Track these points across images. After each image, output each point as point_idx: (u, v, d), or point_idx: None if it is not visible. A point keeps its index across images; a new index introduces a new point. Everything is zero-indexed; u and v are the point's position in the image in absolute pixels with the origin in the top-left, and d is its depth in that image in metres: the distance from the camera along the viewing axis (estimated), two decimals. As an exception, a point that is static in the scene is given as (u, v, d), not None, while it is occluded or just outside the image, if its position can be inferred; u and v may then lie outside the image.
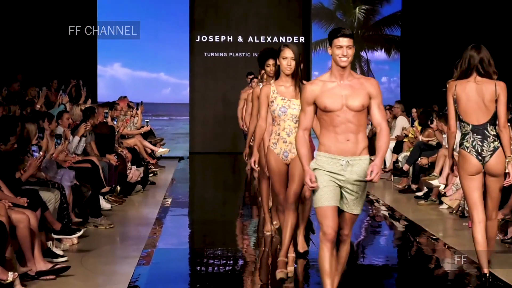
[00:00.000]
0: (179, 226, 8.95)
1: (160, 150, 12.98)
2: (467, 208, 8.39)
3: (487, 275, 5.47)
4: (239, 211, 9.77)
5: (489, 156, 5.47)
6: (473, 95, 5.47)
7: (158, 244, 7.52)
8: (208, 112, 16.48)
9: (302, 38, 16.42)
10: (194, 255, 7.30)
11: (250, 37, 16.42)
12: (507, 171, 5.46)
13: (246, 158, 7.38)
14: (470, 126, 5.50)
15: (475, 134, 5.49)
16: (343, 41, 4.76)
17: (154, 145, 13.65)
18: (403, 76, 16.14)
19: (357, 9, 16.26)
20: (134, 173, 10.80)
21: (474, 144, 5.48)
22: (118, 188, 10.01)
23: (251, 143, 7.00)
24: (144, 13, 15.47)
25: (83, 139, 9.35)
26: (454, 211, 8.94)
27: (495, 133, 5.49)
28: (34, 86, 11.92)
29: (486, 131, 5.48)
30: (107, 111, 10.69)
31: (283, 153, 5.84)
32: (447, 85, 5.58)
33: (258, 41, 16.28)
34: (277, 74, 5.98)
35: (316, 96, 4.73)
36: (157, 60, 15.90)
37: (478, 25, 15.07)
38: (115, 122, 11.17)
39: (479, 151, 5.48)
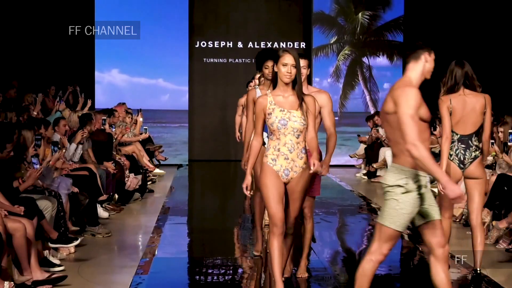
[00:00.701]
0: (178, 234, 8.95)
1: (157, 171, 12.96)
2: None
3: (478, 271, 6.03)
4: (239, 220, 9.77)
5: (469, 163, 6.06)
6: (466, 107, 6.02)
7: (157, 253, 7.52)
8: (208, 119, 16.50)
9: (303, 44, 16.45)
10: (193, 264, 7.30)
11: (250, 42, 16.45)
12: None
13: (245, 166, 7.30)
14: (458, 136, 6.06)
15: (460, 143, 6.05)
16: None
17: (153, 152, 13.68)
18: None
19: (359, 14, 16.28)
20: (132, 180, 10.82)
21: (457, 152, 6.06)
22: (116, 196, 10.02)
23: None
24: (142, 18, 15.48)
25: (80, 146, 9.36)
26: (458, 220, 8.95)
27: (477, 144, 6.07)
28: (30, 92, 11.94)
29: (470, 141, 6.05)
30: (105, 118, 10.71)
31: (283, 171, 5.32)
32: (440, 100, 6.07)
33: (258, 46, 16.30)
34: (274, 82, 5.40)
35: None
36: (156, 66, 15.91)
37: (482, 31, 15.10)
38: (113, 129, 11.19)
39: (461, 159, 6.06)
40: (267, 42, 16.42)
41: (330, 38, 16.29)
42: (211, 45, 16.45)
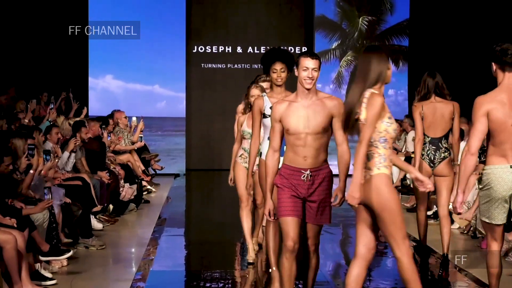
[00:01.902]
0: (175, 247, 8.94)
1: (148, 188, 12.93)
2: (479, 228, 8.41)
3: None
4: (238, 232, 9.76)
5: (438, 162, 7.14)
6: (436, 113, 7.08)
7: (153, 266, 7.52)
8: (206, 126, 16.50)
9: (304, 49, 16.47)
10: (190, 278, 7.30)
11: (250, 47, 16.48)
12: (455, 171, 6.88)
13: (232, 182, 7.44)
14: (429, 138, 7.14)
15: (431, 145, 7.14)
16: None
17: (149, 161, 13.68)
18: (411, 89, 16.17)
19: (361, 18, 16.30)
20: (127, 191, 10.82)
21: (428, 153, 7.15)
22: (111, 207, 10.02)
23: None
24: (133, 21, 15.49)
25: (73, 154, 9.37)
26: (465, 231, 8.94)
27: (446, 146, 7.15)
28: (22, 99, 11.95)
29: (440, 144, 7.14)
30: (104, 126, 10.73)
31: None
32: (414, 106, 7.19)
33: (258, 51, 16.33)
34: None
35: None
36: (152, 72, 15.93)
37: (489, 35, 15.12)
38: (109, 138, 11.20)
39: (432, 159, 7.14)
40: (268, 47, 16.42)
41: (333, 43, 16.32)
42: (209, 50, 16.47)
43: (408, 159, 12.07)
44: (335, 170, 5.24)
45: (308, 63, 5.08)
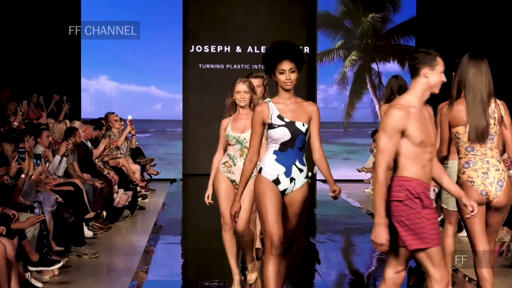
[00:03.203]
0: (171, 255, 8.95)
1: (144, 193, 12.89)
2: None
3: None
4: (237, 240, 9.75)
5: None
6: None
7: (148, 276, 7.52)
8: (203, 130, 16.48)
9: (306, 48, 16.49)
10: (187, 287, 7.29)
11: (250, 47, 16.49)
12: None
13: (209, 199, 6.86)
14: None
15: None
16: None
17: (144, 165, 13.67)
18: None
19: (367, 16, 16.31)
20: (121, 197, 10.82)
21: None
22: (104, 213, 10.02)
23: None
24: (133, 21, 15.51)
25: (65, 159, 9.37)
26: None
27: None
28: (13, 101, 11.96)
29: None
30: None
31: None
32: (381, 108, 7.58)
33: (258, 51, 16.34)
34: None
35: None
36: (147, 73, 15.95)
37: (501, 34, 15.12)
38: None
39: None
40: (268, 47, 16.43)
41: (336, 42, 16.33)
42: (207, 50, 16.48)
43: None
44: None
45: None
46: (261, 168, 5.29)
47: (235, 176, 6.48)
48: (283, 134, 5.21)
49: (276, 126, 5.22)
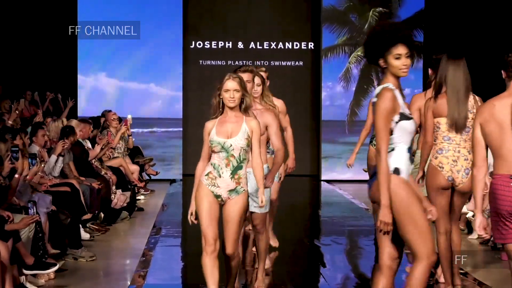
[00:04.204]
0: (171, 258, 8.94)
1: (143, 193, 12.87)
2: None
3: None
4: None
5: None
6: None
7: (147, 279, 7.52)
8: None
9: (311, 44, 16.48)
10: (187, 291, 7.30)
11: (252, 42, 16.47)
12: None
13: (193, 217, 5.81)
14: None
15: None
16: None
17: (143, 165, 13.67)
18: (427, 87, 16.12)
19: (372, 11, 16.27)
20: (119, 198, 10.82)
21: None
22: (102, 215, 10.02)
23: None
24: (132, 17, 15.50)
25: (61, 158, 9.36)
26: (485, 242, 8.93)
27: None
28: (7, 98, 11.97)
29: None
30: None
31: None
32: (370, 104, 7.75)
33: (261, 47, 16.34)
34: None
35: None
36: (147, 69, 15.94)
37: (510, 26, 15.09)
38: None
39: None
40: (271, 43, 16.44)
41: (341, 38, 16.31)
42: (208, 46, 16.47)
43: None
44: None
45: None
46: (397, 169, 4.66)
47: (221, 190, 5.76)
48: (413, 127, 4.71)
49: (411, 117, 4.69)
